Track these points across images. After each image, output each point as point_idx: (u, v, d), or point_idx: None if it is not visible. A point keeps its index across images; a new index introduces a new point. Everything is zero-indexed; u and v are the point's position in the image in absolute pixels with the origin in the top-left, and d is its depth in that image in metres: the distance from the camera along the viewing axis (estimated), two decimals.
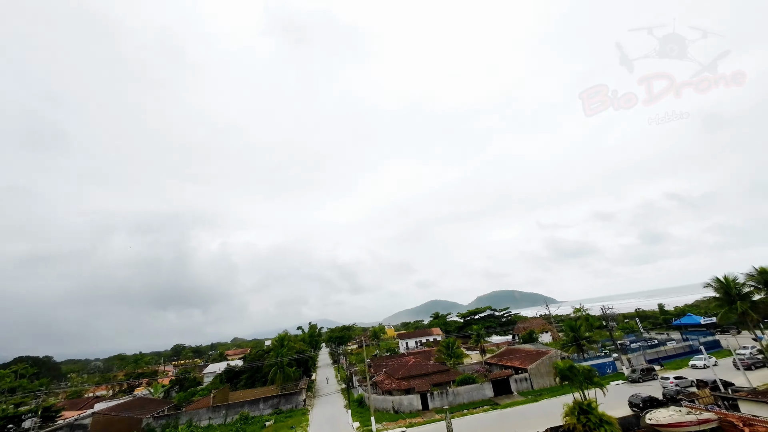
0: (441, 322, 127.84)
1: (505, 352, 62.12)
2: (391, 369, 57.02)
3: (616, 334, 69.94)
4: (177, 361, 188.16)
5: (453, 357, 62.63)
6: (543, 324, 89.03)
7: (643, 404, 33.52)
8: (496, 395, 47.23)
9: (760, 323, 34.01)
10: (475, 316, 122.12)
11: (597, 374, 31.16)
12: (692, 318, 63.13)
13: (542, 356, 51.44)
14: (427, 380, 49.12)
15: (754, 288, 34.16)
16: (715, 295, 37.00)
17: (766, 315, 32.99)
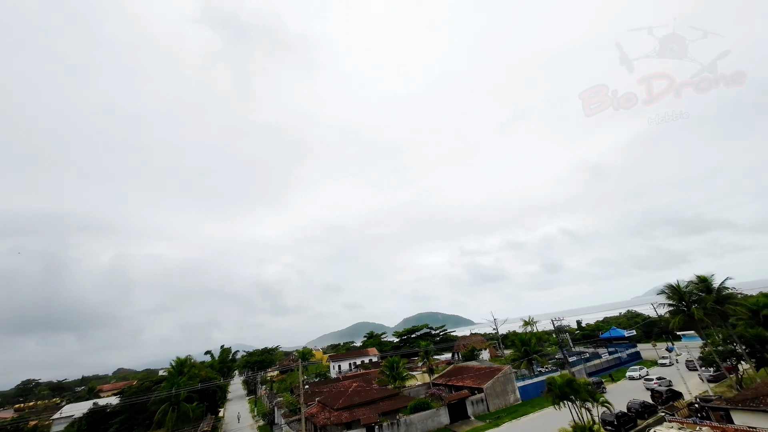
0: (376, 342, 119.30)
1: (453, 371, 56.81)
2: (326, 398, 46.53)
3: (550, 349, 70.52)
4: (23, 402, 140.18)
5: (397, 379, 54.93)
6: (482, 341, 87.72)
7: (642, 409, 32.58)
8: (452, 422, 40.72)
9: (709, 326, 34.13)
10: (412, 335, 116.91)
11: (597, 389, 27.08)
12: (617, 331, 67.52)
13: (496, 373, 47.18)
14: (374, 409, 40.30)
15: (702, 295, 35.01)
16: (669, 302, 37.38)
17: (715, 321, 33.30)
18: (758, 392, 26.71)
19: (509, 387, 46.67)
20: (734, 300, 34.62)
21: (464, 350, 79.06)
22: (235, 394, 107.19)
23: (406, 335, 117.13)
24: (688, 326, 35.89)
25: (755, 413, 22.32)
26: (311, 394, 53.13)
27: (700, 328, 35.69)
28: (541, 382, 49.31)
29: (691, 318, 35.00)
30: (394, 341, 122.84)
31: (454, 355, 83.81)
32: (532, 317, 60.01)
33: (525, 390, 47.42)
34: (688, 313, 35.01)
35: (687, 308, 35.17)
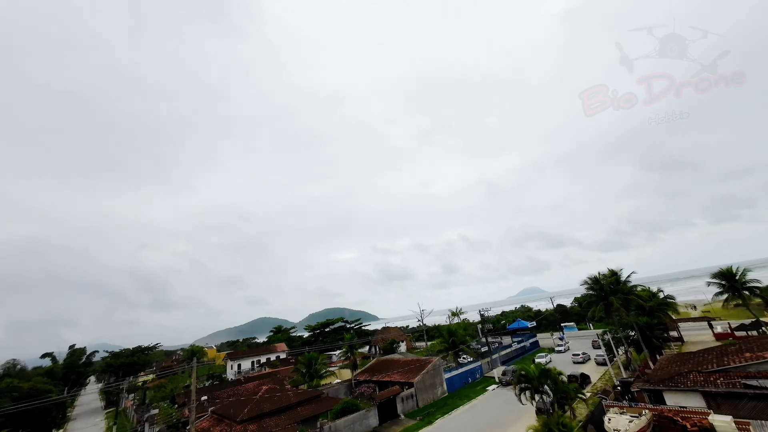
0: (284, 337, 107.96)
1: (376, 365, 52.50)
2: (225, 407, 36.44)
3: (469, 338, 72.18)
4: None
5: (315, 377, 47.83)
6: (399, 334, 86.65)
7: (582, 379, 36.74)
8: (382, 422, 36.02)
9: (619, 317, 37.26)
10: (326, 328, 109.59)
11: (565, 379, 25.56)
12: (522, 323, 74.03)
13: (425, 366, 44.55)
14: (291, 416, 32.61)
15: (616, 287, 38.40)
16: (591, 291, 40.20)
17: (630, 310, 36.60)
18: (669, 372, 29.19)
19: (437, 380, 44.61)
20: (635, 292, 38.89)
21: (383, 343, 76.14)
22: (88, 408, 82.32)
23: (319, 329, 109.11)
24: (607, 313, 38.90)
25: (685, 393, 23.56)
26: (201, 404, 41.72)
27: (614, 316, 39.18)
28: (465, 372, 49.01)
29: (608, 306, 38.15)
30: (306, 335, 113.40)
31: (371, 348, 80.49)
32: (460, 308, 60.18)
33: (451, 381, 46.13)
34: (606, 303, 38.10)
35: (605, 298, 38.21)
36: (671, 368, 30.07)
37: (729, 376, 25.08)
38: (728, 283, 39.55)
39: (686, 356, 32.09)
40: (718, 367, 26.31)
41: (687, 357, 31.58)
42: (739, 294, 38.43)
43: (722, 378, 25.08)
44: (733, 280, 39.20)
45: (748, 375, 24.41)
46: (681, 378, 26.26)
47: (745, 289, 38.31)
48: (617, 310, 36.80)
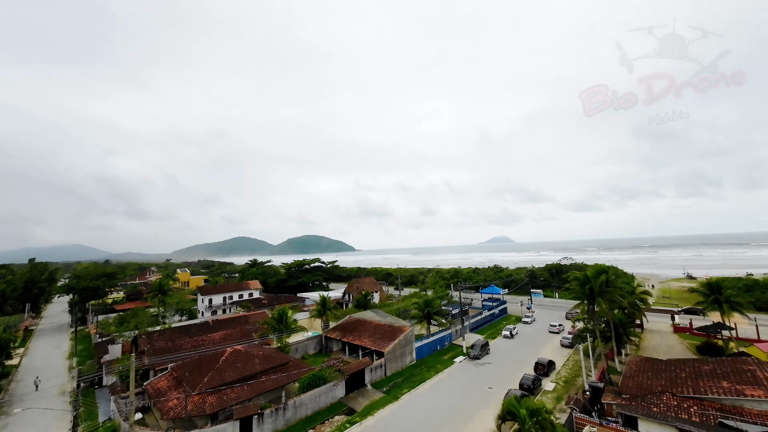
0: (259, 271, 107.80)
1: (348, 324, 52.25)
2: (185, 367, 34.72)
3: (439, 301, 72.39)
4: None
5: (284, 333, 47.01)
6: (374, 283, 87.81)
7: (534, 385, 34.34)
8: (348, 392, 36.01)
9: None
10: (302, 267, 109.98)
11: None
12: (495, 289, 75.90)
13: (398, 335, 44.25)
14: (254, 387, 31.38)
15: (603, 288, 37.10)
16: (577, 288, 39.06)
17: (613, 309, 35.80)
18: (640, 385, 29.09)
19: (407, 348, 44.83)
20: (620, 292, 37.89)
21: (358, 294, 76.72)
22: (55, 323, 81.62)
23: (295, 267, 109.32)
24: (591, 312, 38.22)
25: (660, 424, 23.15)
26: (162, 352, 40.13)
27: (596, 315, 38.66)
28: (434, 341, 49.73)
29: (592, 306, 37.48)
30: (281, 270, 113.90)
31: (346, 295, 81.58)
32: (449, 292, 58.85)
33: (420, 350, 46.70)
34: (591, 303, 37.22)
35: (592, 298, 37.22)
36: (642, 379, 30.06)
37: (703, 406, 24.82)
38: (713, 294, 39.28)
39: (657, 365, 32.19)
40: (693, 394, 26.05)
41: (658, 367, 31.64)
42: (719, 306, 38.49)
43: (696, 407, 24.81)
44: (718, 293, 38.85)
45: (724, 409, 24.12)
46: (654, 400, 25.92)
47: (728, 302, 38.21)
48: (601, 310, 35.99)
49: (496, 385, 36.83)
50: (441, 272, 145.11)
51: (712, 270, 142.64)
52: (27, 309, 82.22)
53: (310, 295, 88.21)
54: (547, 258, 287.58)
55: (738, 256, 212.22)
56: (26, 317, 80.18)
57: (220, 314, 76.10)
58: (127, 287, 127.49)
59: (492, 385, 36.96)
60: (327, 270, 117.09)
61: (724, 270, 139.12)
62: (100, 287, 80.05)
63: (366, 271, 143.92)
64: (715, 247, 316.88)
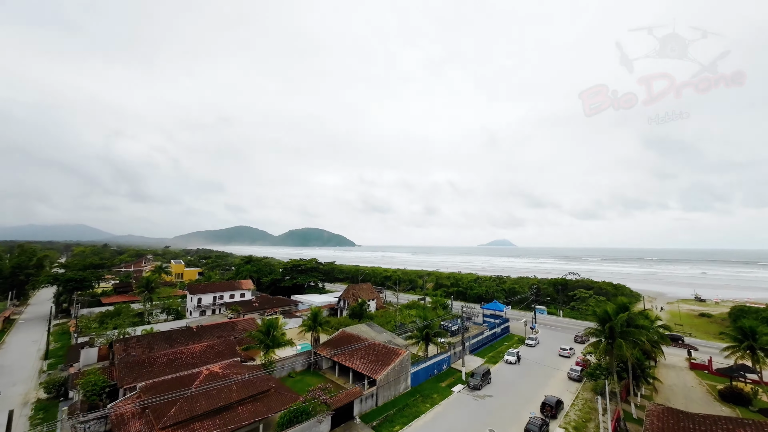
0: (254, 269, 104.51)
1: (341, 339, 48.73)
2: (154, 389, 31.23)
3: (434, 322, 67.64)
4: None
5: (271, 348, 43.56)
6: (371, 290, 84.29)
7: (556, 407, 33.75)
8: (334, 425, 32.55)
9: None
10: (298, 267, 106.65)
11: None
12: (498, 305, 72.05)
13: (393, 359, 40.66)
14: (229, 419, 27.92)
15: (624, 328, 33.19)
16: (597, 328, 35.16)
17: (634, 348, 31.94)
18: None
19: (402, 375, 41.25)
20: (641, 331, 33.91)
21: (353, 302, 73.21)
22: (39, 313, 78.69)
23: (290, 267, 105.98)
24: (610, 352, 34.36)
25: None
26: (137, 366, 36.71)
27: (614, 355, 34.81)
28: (431, 366, 46.16)
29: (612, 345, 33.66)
30: (278, 268, 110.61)
31: (341, 301, 78.15)
32: (449, 302, 55.18)
33: (416, 375, 43.16)
34: (611, 343, 33.35)
35: (613, 337, 33.30)
36: None
37: None
38: (746, 340, 35.33)
39: (683, 421, 28.37)
40: None
41: (686, 426, 27.83)
42: (752, 352, 34.57)
43: None
44: (752, 338, 34.86)
45: None
46: None
47: (762, 349, 34.24)
48: (621, 353, 32.14)
49: (499, 426, 33.24)
50: (441, 277, 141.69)
51: (720, 290, 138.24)
52: (11, 296, 79.42)
53: (305, 298, 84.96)
54: (548, 266, 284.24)
55: (746, 276, 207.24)
56: (9, 305, 77.42)
57: (208, 315, 72.98)
58: (121, 275, 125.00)
59: (494, 425, 33.35)
60: (323, 271, 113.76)
61: (734, 292, 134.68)
62: (86, 279, 76.95)
63: (364, 274, 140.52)
64: (721, 264, 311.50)
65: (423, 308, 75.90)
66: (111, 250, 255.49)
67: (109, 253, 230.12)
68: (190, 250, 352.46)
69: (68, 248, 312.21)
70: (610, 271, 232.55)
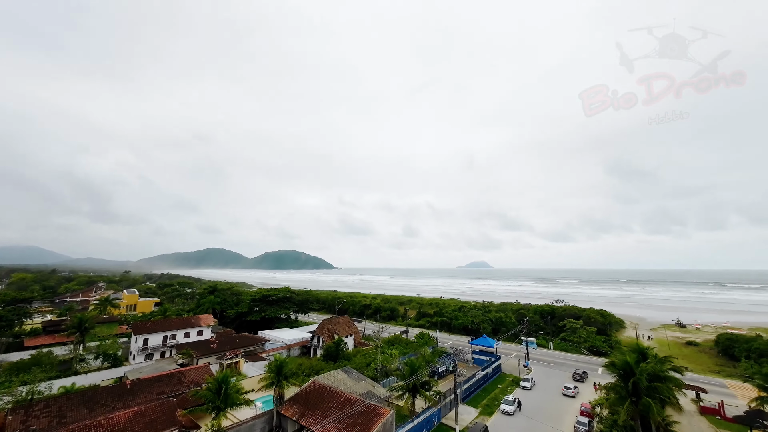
0: (218, 299, 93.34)
1: (310, 393, 40.59)
2: None
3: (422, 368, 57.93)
4: None
5: (223, 410, 34.85)
6: (348, 324, 76.16)
7: None
8: None
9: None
10: (268, 298, 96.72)
11: None
12: (487, 341, 66.10)
13: (374, 422, 33.31)
14: None
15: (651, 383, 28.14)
16: (618, 384, 29.93)
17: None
18: None
19: None
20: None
21: (329, 339, 64.92)
22: None
23: (260, 298, 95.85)
24: (637, 417, 28.94)
25: None
26: None
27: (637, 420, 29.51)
28: (419, 425, 38.88)
29: (636, 405, 28.34)
30: (246, 299, 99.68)
31: (315, 338, 69.43)
32: (433, 334, 48.73)
33: None
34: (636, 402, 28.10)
35: (637, 395, 28.11)
36: None
37: None
38: None
39: None
40: None
41: None
42: None
43: None
44: None
45: None
46: None
47: None
48: (652, 415, 26.77)
49: None
50: (423, 304, 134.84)
51: (693, 314, 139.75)
52: None
53: (274, 335, 75.38)
54: (527, 289, 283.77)
55: (711, 298, 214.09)
56: None
57: (155, 360, 61.90)
58: (62, 308, 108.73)
59: None
60: (297, 301, 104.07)
61: (709, 316, 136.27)
62: (3, 317, 64.00)
63: (341, 303, 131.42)
64: (686, 285, 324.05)
65: (406, 344, 68.61)
66: (58, 277, 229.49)
67: (55, 279, 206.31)
68: (153, 275, 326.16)
69: (8, 274, 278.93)
70: (587, 294, 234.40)
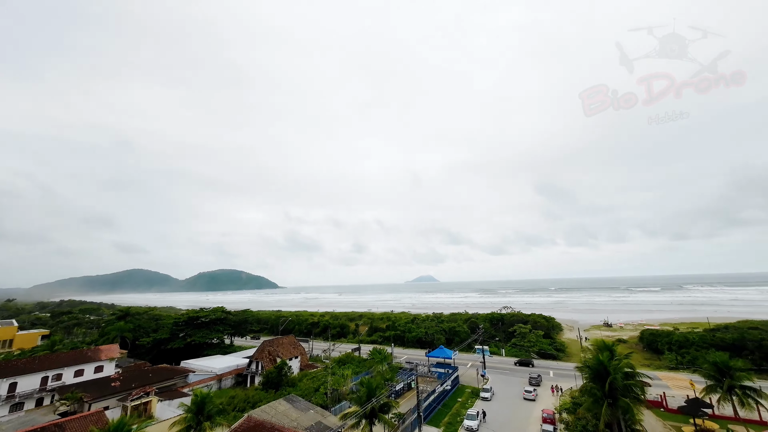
0: (129, 326, 76.96)
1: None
2: None
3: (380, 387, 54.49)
4: None
5: None
6: (293, 344, 67.24)
7: None
8: None
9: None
10: (196, 320, 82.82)
11: None
12: (445, 352, 62.86)
13: None
14: None
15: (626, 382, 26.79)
16: (591, 384, 28.04)
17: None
18: None
19: None
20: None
21: (270, 365, 55.92)
22: None
23: (186, 321, 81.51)
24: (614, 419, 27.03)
25: None
26: None
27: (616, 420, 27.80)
28: None
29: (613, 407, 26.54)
30: (167, 322, 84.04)
31: (252, 364, 59.45)
32: (389, 349, 43.86)
33: None
34: (613, 404, 26.36)
35: (614, 398, 26.44)
36: None
37: None
38: (724, 378, 32.55)
39: None
40: None
41: None
42: (730, 393, 31.62)
43: None
44: (729, 376, 32.15)
45: None
46: None
47: (740, 389, 31.46)
48: (626, 413, 25.10)
49: None
50: (374, 319, 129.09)
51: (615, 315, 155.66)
52: None
53: (202, 364, 63.33)
54: (473, 300, 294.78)
55: (623, 300, 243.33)
56: None
57: (26, 410, 46.72)
58: None
59: None
60: (233, 322, 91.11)
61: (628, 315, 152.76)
62: None
63: (286, 322, 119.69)
64: (602, 290, 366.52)
65: (359, 362, 62.47)
66: None
67: None
68: (48, 303, 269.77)
69: None
70: (525, 302, 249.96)
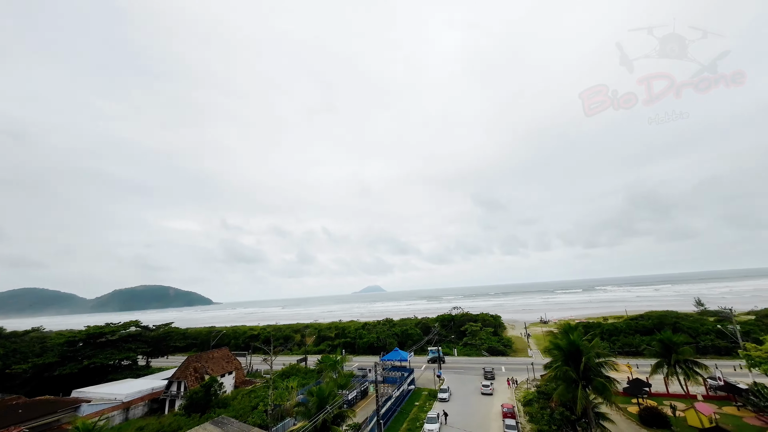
0: (10, 348, 59.16)
1: None
2: None
3: (332, 395, 51.36)
4: None
5: None
6: (227, 358, 57.48)
7: None
8: None
9: None
10: (106, 336, 67.52)
11: None
12: (399, 353, 59.09)
13: None
14: None
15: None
16: (556, 362, 26.43)
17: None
18: None
19: None
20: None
21: (195, 384, 46.41)
22: None
23: (84, 339, 65.70)
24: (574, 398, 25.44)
25: None
26: None
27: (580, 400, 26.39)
28: None
29: (575, 384, 25.14)
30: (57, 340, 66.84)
31: (173, 385, 48.92)
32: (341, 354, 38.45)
33: None
34: (579, 384, 24.94)
35: (587, 380, 25.09)
36: None
37: None
38: (671, 352, 33.92)
39: None
40: None
41: None
42: (677, 367, 33.02)
43: None
44: (675, 350, 33.60)
45: None
46: None
47: (684, 364, 33.03)
48: (601, 393, 23.80)
49: None
50: (322, 329, 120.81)
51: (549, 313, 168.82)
52: None
53: (103, 391, 50.52)
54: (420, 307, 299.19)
55: (553, 300, 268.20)
56: None
57: None
58: None
59: None
60: (151, 339, 76.55)
61: (557, 313, 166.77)
62: None
63: (219, 336, 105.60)
64: (533, 293, 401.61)
65: (306, 373, 55.75)
66: None
67: None
68: None
69: None
70: (470, 306, 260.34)
